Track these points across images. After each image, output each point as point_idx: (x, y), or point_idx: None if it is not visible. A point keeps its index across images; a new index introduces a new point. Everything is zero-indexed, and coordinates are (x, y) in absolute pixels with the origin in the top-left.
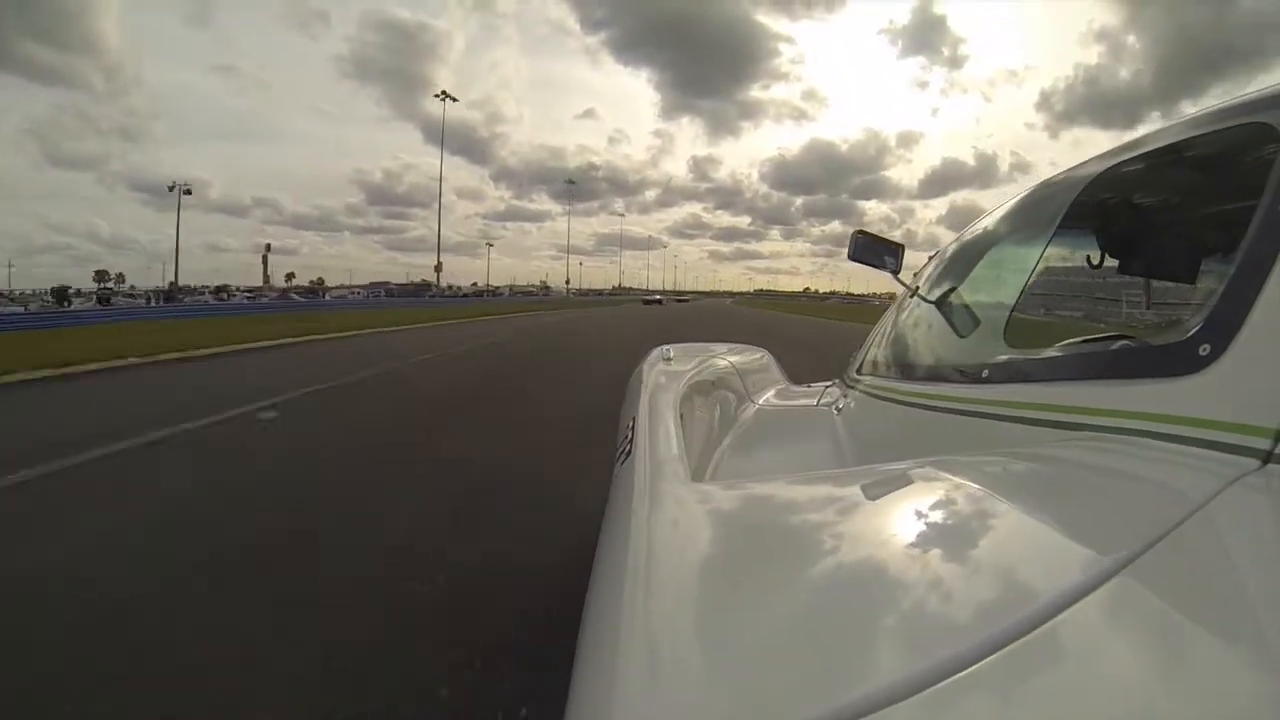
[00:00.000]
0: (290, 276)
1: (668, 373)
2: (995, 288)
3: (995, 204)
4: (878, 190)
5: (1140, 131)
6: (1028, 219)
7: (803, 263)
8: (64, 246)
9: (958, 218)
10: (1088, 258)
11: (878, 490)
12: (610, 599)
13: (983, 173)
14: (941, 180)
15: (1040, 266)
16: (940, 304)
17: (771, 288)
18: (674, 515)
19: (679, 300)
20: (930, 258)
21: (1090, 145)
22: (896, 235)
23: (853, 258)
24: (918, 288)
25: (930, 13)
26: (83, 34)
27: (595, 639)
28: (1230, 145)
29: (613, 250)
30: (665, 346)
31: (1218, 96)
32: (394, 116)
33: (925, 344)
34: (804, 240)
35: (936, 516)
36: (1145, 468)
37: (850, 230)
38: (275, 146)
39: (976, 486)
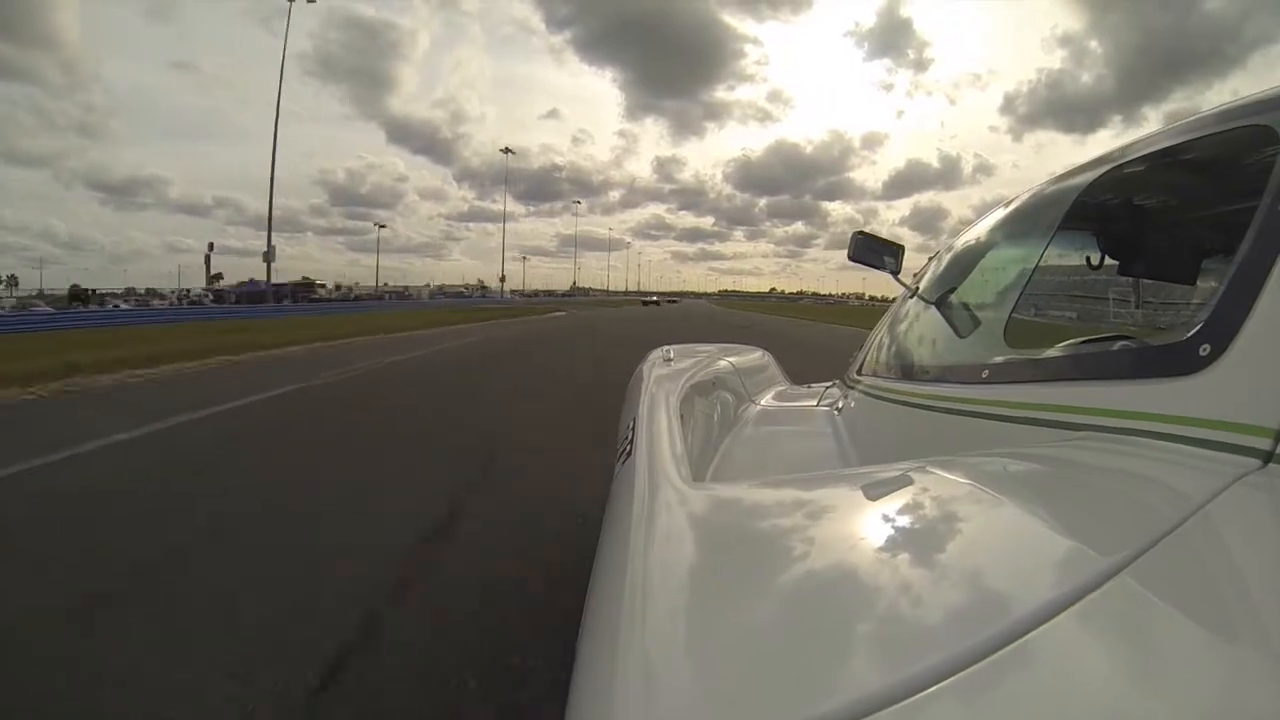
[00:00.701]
0: (217, 277)
1: (668, 373)
2: (995, 288)
3: (995, 204)
4: (842, 191)
5: (1099, 135)
6: (1028, 220)
7: (766, 263)
8: (19, 248)
9: (921, 218)
10: (1088, 259)
11: (878, 491)
12: (611, 599)
13: (946, 174)
14: (905, 181)
15: (1040, 266)
16: (940, 305)
17: (736, 288)
18: (675, 516)
19: (670, 301)
20: (930, 258)
21: (1052, 148)
22: None
23: (853, 258)
24: (918, 288)
25: (896, 15)
26: (40, 28)
27: (596, 639)
28: (1230, 147)
29: (574, 251)
30: (665, 347)
31: (1177, 100)
32: (357, 116)
33: (925, 345)
34: (767, 241)
35: (937, 517)
36: (1146, 468)
37: (813, 231)
38: (237, 146)
39: (977, 487)
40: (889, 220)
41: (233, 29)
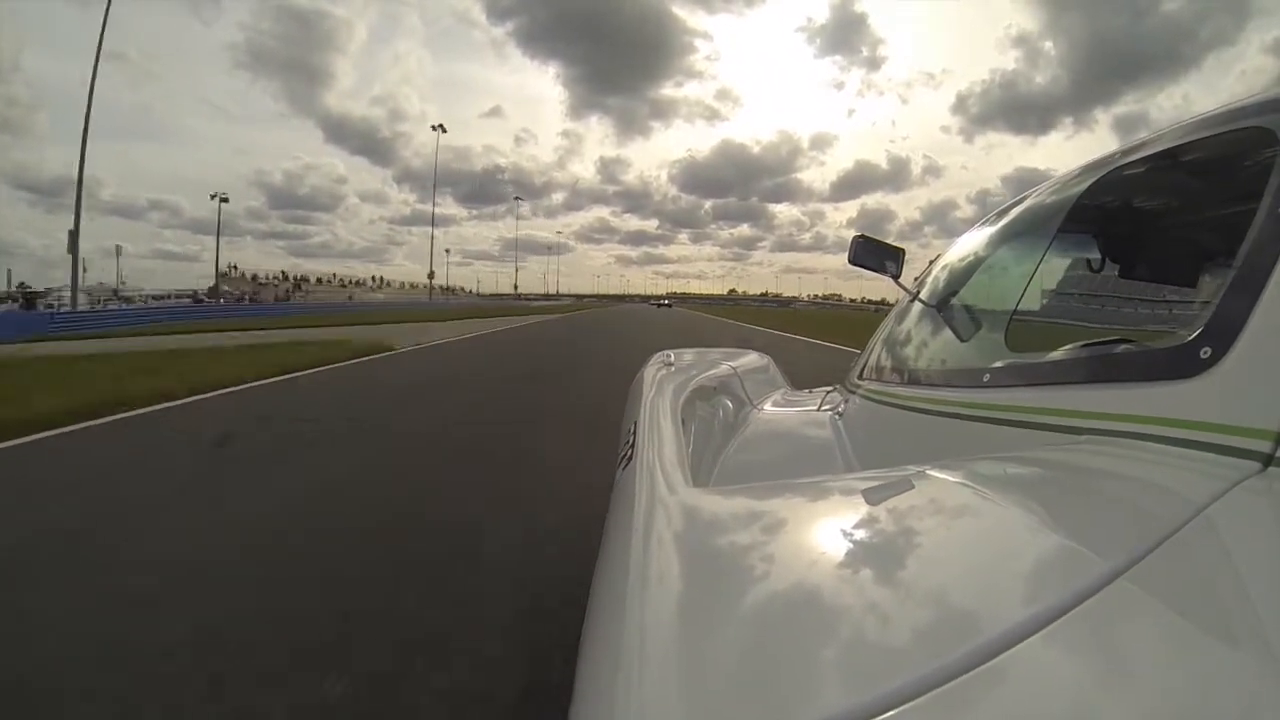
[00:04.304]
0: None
1: (669, 378)
2: (996, 292)
3: (996, 208)
4: (789, 193)
5: (1050, 137)
6: (1028, 223)
7: (711, 267)
8: None
9: (868, 220)
10: (1088, 262)
11: (879, 495)
12: (612, 605)
13: (895, 176)
14: (854, 183)
15: (1041, 270)
16: (941, 308)
17: (682, 291)
18: (676, 521)
19: (665, 305)
20: (931, 262)
21: (1002, 149)
22: (805, 239)
23: (853, 262)
24: (918, 292)
25: (851, 11)
26: None
27: (597, 644)
28: (1230, 149)
29: (519, 255)
30: (666, 351)
31: (1129, 103)
32: (293, 113)
33: (926, 349)
34: (713, 244)
35: (938, 521)
36: (1146, 471)
37: (759, 233)
38: (169, 145)
39: (977, 491)
40: (836, 222)
41: (159, 15)
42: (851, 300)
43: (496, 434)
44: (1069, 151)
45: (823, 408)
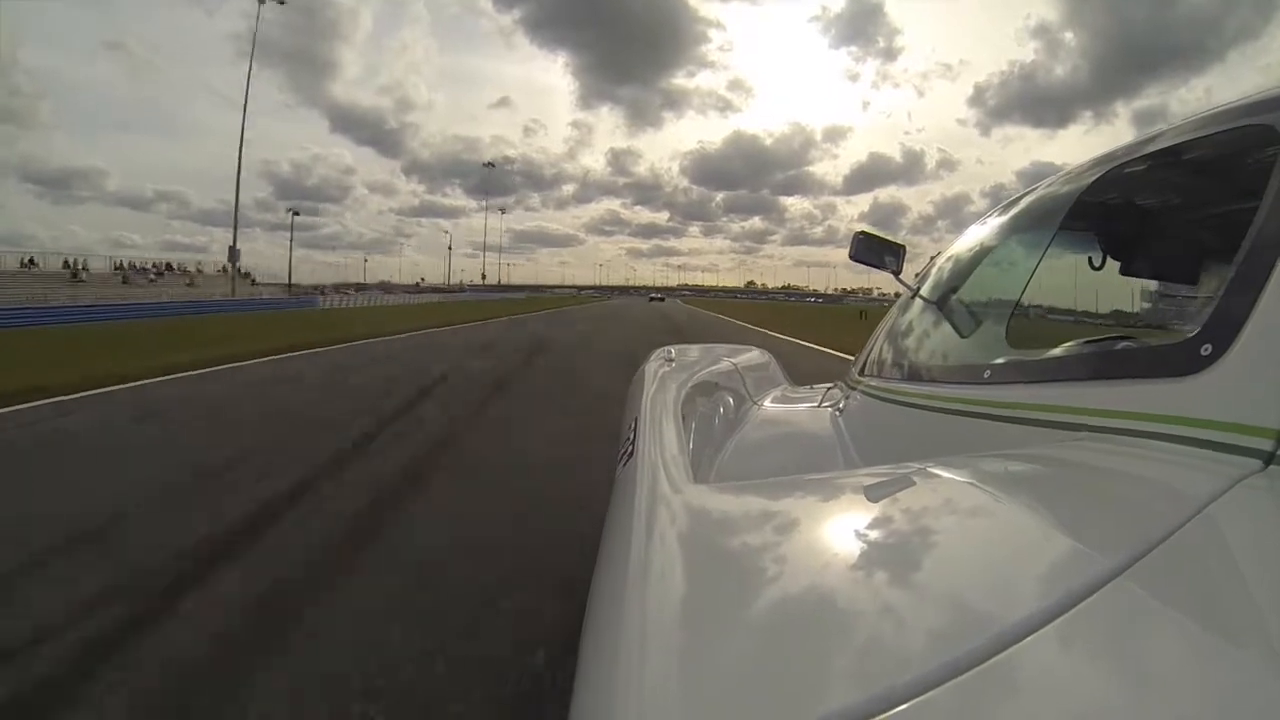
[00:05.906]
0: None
1: (670, 374)
2: (997, 288)
3: (997, 204)
4: (801, 186)
5: (1069, 130)
6: (1029, 219)
7: (722, 260)
8: None
9: (881, 214)
10: (1089, 259)
11: (880, 492)
12: (613, 601)
13: (909, 169)
14: (868, 176)
15: (1042, 267)
16: (942, 304)
17: (694, 284)
18: (677, 517)
19: (657, 299)
20: (932, 258)
21: (1020, 142)
22: (817, 232)
23: (854, 258)
24: (919, 288)
25: (866, 0)
26: None
27: (598, 641)
28: (1232, 147)
29: (528, 247)
30: (667, 348)
31: (1150, 96)
32: (299, 103)
33: (927, 345)
34: (723, 237)
35: (939, 518)
36: (1147, 469)
37: (770, 226)
38: (174, 135)
39: (978, 488)
40: (848, 216)
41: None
42: (883, 295)
43: None
44: (1087, 145)
45: (824, 404)
